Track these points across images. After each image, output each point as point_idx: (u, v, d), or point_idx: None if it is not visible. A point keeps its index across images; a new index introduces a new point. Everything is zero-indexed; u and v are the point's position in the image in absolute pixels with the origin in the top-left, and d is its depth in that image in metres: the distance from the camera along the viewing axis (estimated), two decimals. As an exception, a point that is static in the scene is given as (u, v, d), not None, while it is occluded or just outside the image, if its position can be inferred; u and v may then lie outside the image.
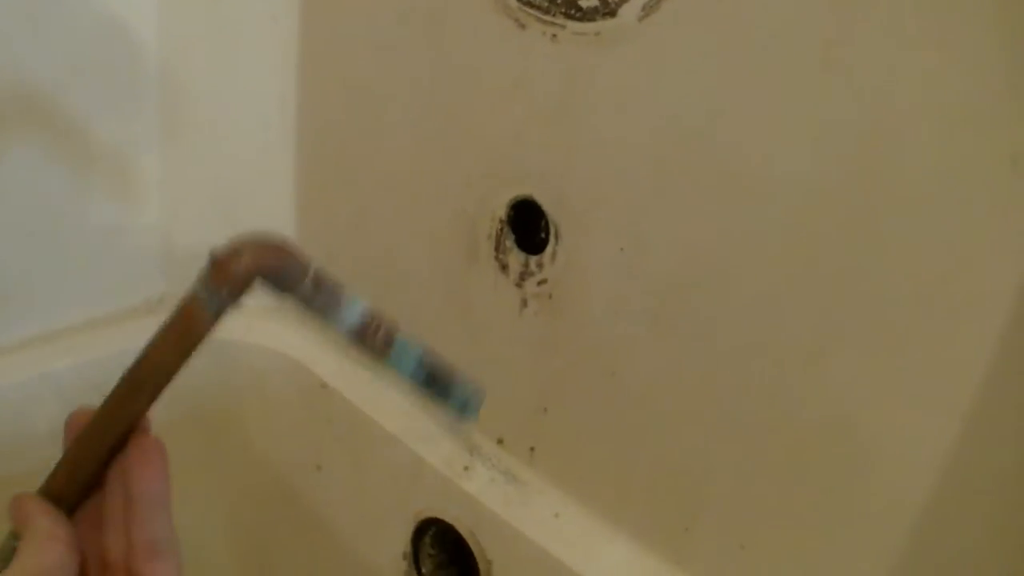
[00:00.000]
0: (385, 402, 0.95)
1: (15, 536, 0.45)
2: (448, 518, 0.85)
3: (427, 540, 0.90)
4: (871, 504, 0.61)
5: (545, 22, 0.71)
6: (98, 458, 0.48)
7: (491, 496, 0.82)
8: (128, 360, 0.48)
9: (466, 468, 0.85)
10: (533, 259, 0.78)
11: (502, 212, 0.80)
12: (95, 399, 0.95)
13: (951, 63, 0.52)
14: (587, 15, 0.69)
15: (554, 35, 0.71)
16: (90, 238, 1.00)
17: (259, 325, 1.06)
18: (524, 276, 0.79)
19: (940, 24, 0.52)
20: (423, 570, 0.91)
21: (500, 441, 0.86)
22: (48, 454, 0.94)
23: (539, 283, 0.78)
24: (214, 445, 1.04)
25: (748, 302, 0.65)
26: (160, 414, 1.01)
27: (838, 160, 0.58)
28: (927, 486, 0.58)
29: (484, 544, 0.82)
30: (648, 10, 0.65)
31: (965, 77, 0.52)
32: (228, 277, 0.44)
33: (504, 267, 0.81)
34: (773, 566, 0.68)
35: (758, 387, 0.65)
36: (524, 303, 0.80)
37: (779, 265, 0.62)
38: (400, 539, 0.91)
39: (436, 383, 0.49)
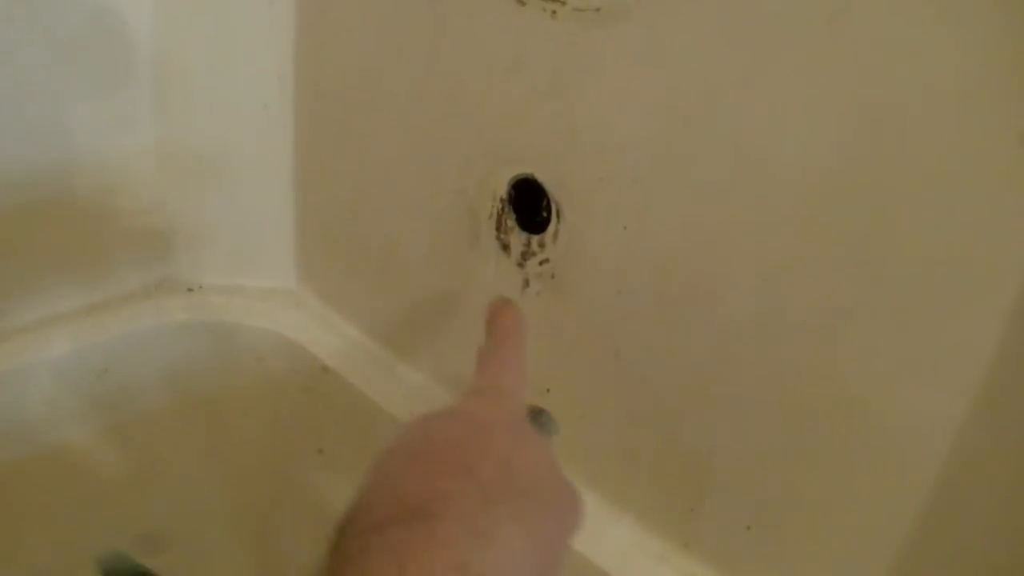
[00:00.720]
0: (387, 384, 0.94)
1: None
2: (451, 501, 0.85)
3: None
4: (880, 484, 0.61)
5: (545, -1, 0.71)
6: None
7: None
8: (128, 344, 0.47)
9: (469, 450, 0.84)
10: (535, 239, 0.78)
11: (503, 191, 0.79)
12: (95, 384, 0.96)
13: (957, 40, 0.51)
14: (588, -10, 0.68)
15: (554, 11, 0.70)
16: (87, 223, 1.00)
17: (259, 308, 1.06)
18: (526, 256, 0.78)
19: (945, 1, 0.51)
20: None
21: None
22: (52, 438, 0.95)
23: (541, 263, 0.77)
24: (215, 428, 1.04)
25: (754, 281, 0.64)
26: (161, 398, 1.02)
27: (843, 137, 0.57)
28: (937, 466, 0.57)
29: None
30: (650, -15, 0.64)
31: (972, 54, 0.51)
32: None
33: (505, 247, 0.80)
34: (780, 547, 0.68)
35: (764, 366, 0.65)
36: (526, 283, 0.79)
37: (785, 243, 0.62)
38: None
39: None
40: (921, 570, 0.60)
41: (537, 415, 0.65)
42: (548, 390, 0.80)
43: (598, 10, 0.67)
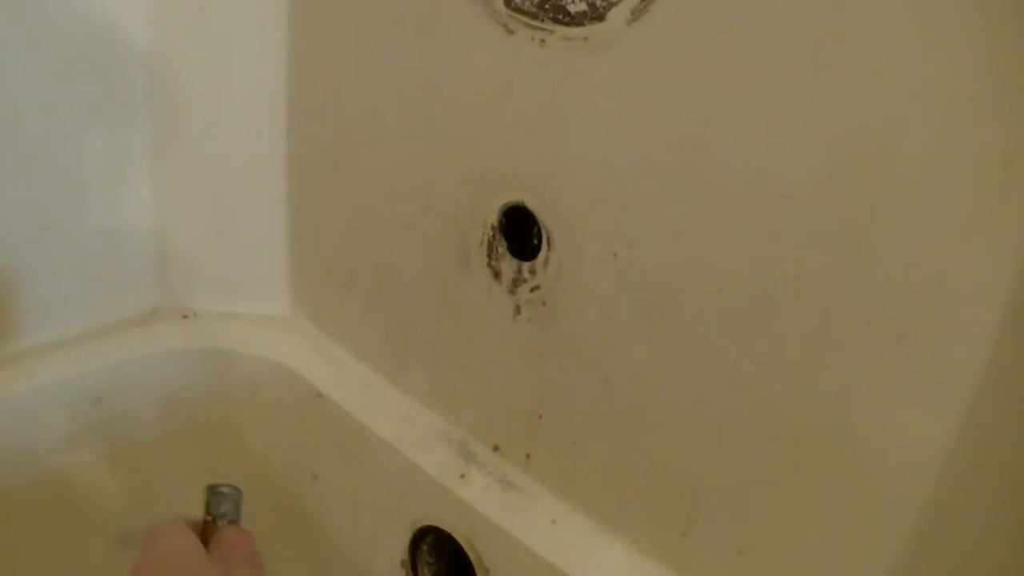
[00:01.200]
0: (380, 410, 0.94)
1: None
2: (445, 526, 0.85)
3: (425, 548, 0.90)
4: (869, 506, 0.61)
5: (533, 27, 0.71)
6: None
7: (488, 503, 0.82)
8: (123, 371, 0.48)
9: (462, 475, 0.85)
10: (526, 266, 0.78)
11: (494, 219, 0.79)
12: (91, 411, 0.96)
13: (942, 62, 0.52)
14: (575, 20, 0.68)
15: (542, 40, 0.71)
16: (83, 249, 1.00)
17: (254, 334, 1.06)
18: (517, 283, 0.79)
19: (931, 24, 0.51)
20: (421, 578, 0.91)
21: (496, 448, 0.86)
22: (47, 466, 0.95)
23: (532, 290, 0.78)
24: (210, 455, 1.04)
25: (741, 305, 0.64)
26: (156, 425, 1.02)
27: (830, 162, 0.57)
28: (925, 486, 0.57)
29: (482, 552, 0.82)
30: (637, 14, 0.65)
31: (956, 76, 0.51)
32: None
33: (497, 274, 0.80)
34: (772, 570, 0.68)
35: (752, 390, 0.65)
36: (517, 310, 0.80)
37: (772, 267, 0.62)
38: (398, 547, 0.91)
39: None
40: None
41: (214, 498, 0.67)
42: (540, 416, 0.81)
43: (586, 38, 0.68)
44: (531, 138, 0.75)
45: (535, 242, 0.77)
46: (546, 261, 0.76)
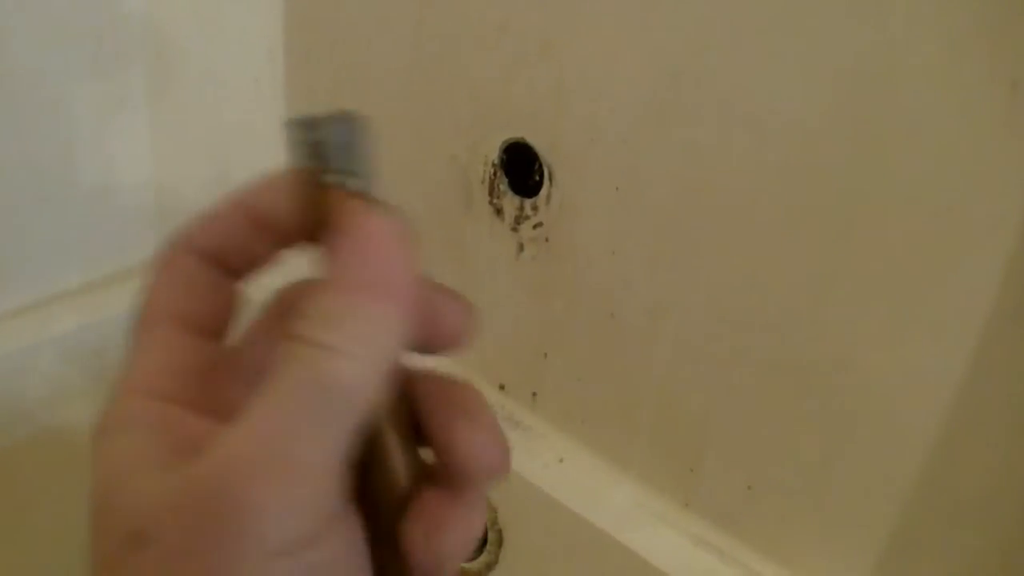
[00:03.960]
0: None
1: None
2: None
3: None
4: (878, 441, 0.61)
5: (530, -42, 0.70)
6: None
7: (494, 443, 0.81)
8: (128, 321, 0.47)
9: (469, 416, 0.84)
10: (528, 202, 0.77)
11: (494, 156, 0.79)
12: (95, 363, 0.96)
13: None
14: (573, -52, 0.67)
15: (540, -29, 0.70)
16: (82, 200, 0.99)
17: (256, 279, 1.06)
18: (519, 220, 0.78)
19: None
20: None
21: (502, 387, 0.86)
22: (52, 420, 0.95)
23: (535, 226, 0.77)
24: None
25: (747, 238, 0.64)
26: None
27: (836, 90, 0.56)
28: (934, 423, 0.57)
29: (489, 491, 0.82)
30: (635, -60, 0.64)
31: (964, 1, 0.50)
32: None
33: (499, 212, 0.80)
34: (780, 506, 0.68)
35: (760, 325, 0.65)
36: (520, 247, 0.79)
37: (777, 199, 0.61)
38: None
39: None
40: (921, 526, 0.60)
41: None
42: (545, 354, 0.80)
43: (584, -32, 0.67)
44: (529, 74, 0.73)
45: (536, 178, 0.76)
46: (548, 197, 0.75)
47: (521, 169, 0.77)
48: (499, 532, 0.81)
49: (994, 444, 0.56)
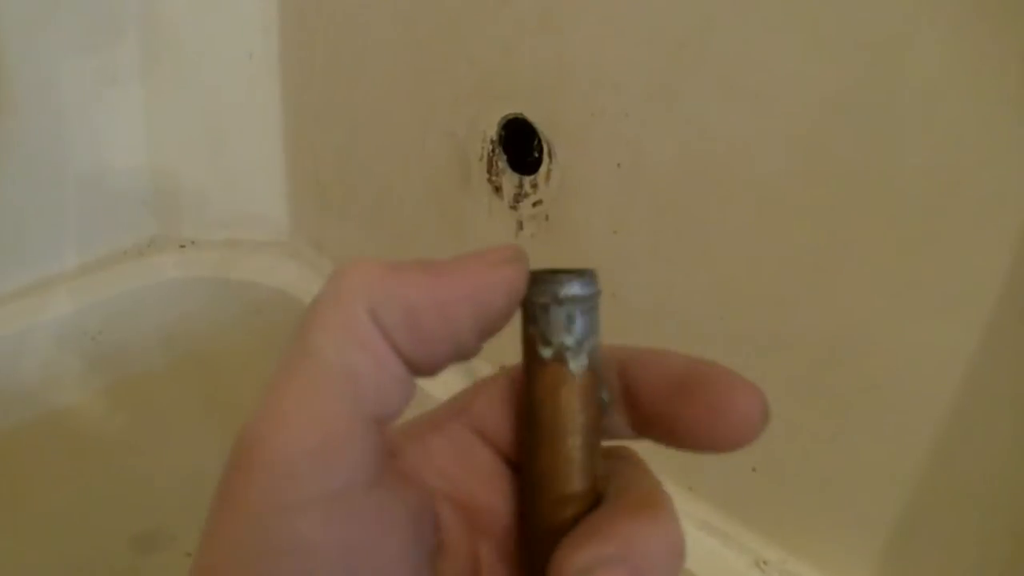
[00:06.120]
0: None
1: None
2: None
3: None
4: (885, 425, 0.60)
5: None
6: None
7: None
8: (123, 303, 0.45)
9: (469, 397, 0.84)
10: (527, 180, 0.76)
11: (493, 132, 0.77)
12: (92, 345, 0.95)
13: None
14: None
15: (538, -59, 0.68)
16: (76, 181, 0.98)
17: (253, 261, 1.05)
18: (519, 198, 0.77)
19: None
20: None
21: (502, 368, 0.85)
22: (49, 403, 0.94)
23: (534, 204, 0.76)
24: (213, 385, 1.03)
25: (752, 214, 0.62)
26: (157, 356, 1.01)
27: (843, 61, 0.55)
28: (942, 405, 0.56)
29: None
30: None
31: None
32: None
33: (498, 189, 0.78)
34: (786, 488, 0.67)
35: (765, 302, 0.63)
36: (520, 225, 0.78)
37: (783, 174, 0.60)
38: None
39: None
40: (928, 510, 0.59)
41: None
42: (546, 334, 0.79)
43: (583, -61, 0.65)
44: (529, 48, 0.72)
45: (536, 155, 0.74)
46: (548, 174, 0.74)
47: (520, 146, 0.76)
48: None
49: (1003, 426, 0.55)
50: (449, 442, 0.31)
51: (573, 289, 0.29)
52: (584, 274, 0.29)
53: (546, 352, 0.29)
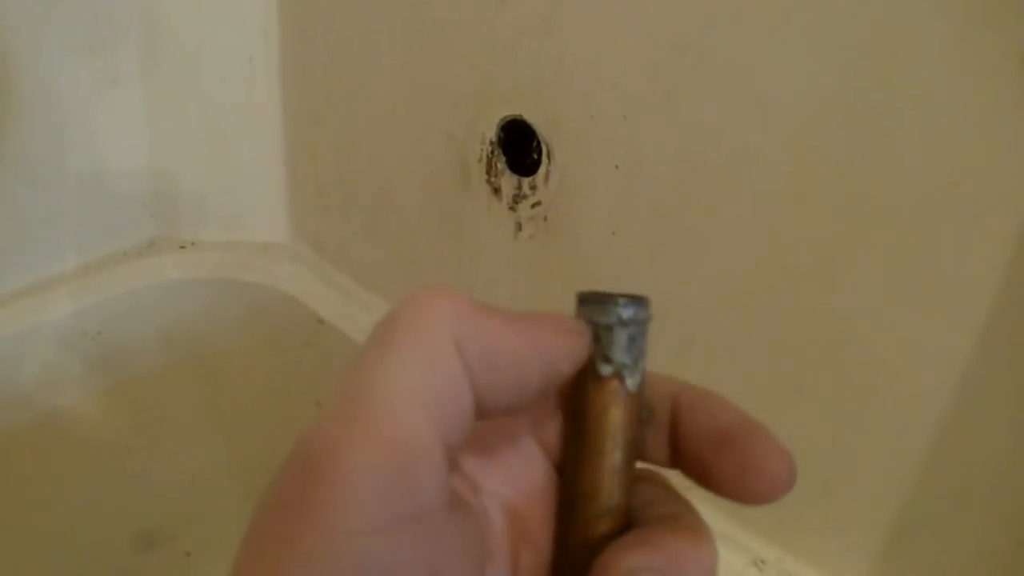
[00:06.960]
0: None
1: None
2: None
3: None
4: (885, 424, 0.60)
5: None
6: None
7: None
8: (122, 305, 0.46)
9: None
10: (526, 181, 0.76)
11: (492, 134, 0.78)
12: (92, 346, 0.95)
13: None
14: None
15: (537, -56, 0.69)
16: (76, 182, 0.99)
17: (253, 262, 1.05)
18: (517, 199, 0.77)
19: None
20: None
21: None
22: (49, 403, 0.94)
23: (533, 206, 0.76)
24: (212, 386, 1.03)
25: (750, 216, 0.63)
26: (157, 357, 1.01)
27: (841, 64, 0.55)
28: (942, 404, 0.57)
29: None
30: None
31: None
32: None
33: (496, 190, 0.79)
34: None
35: (764, 303, 0.64)
36: (519, 227, 0.78)
37: (781, 175, 0.60)
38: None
39: None
40: (928, 509, 0.60)
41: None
42: (545, 335, 0.79)
43: (582, -59, 0.66)
44: (528, 50, 0.72)
45: (535, 156, 0.75)
46: (547, 176, 0.74)
47: (519, 147, 0.76)
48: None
49: (1001, 426, 0.55)
50: (516, 449, 0.32)
51: (637, 313, 0.31)
52: (641, 299, 0.32)
53: (606, 369, 0.30)
